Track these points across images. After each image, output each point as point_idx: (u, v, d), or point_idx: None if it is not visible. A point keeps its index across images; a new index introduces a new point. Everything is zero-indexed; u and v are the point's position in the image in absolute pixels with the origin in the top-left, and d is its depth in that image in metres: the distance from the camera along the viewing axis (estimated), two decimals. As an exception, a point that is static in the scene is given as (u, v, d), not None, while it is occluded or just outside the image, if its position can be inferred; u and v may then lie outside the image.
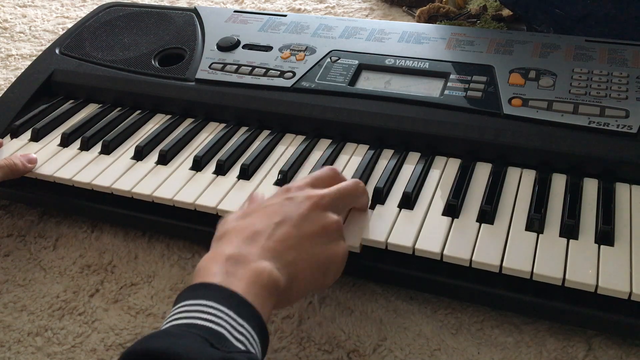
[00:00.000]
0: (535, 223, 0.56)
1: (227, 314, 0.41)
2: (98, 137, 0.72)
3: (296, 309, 0.58)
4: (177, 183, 0.65)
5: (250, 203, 0.54)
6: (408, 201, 0.60)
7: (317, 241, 0.50)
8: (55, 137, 0.74)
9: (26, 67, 0.84)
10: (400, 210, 0.59)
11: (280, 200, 0.52)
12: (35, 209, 0.73)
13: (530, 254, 0.53)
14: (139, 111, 0.77)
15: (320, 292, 0.57)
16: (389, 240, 0.56)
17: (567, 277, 0.51)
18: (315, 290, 0.53)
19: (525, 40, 0.75)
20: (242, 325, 0.41)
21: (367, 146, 0.68)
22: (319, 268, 0.50)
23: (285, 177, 0.64)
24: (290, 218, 0.50)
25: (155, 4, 1.11)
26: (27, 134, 0.74)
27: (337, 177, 0.57)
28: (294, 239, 0.49)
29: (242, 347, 0.40)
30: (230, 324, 0.41)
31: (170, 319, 0.42)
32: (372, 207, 0.60)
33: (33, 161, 0.69)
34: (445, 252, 0.54)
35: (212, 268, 0.45)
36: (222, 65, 0.77)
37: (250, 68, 0.76)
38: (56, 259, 0.66)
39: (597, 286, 0.50)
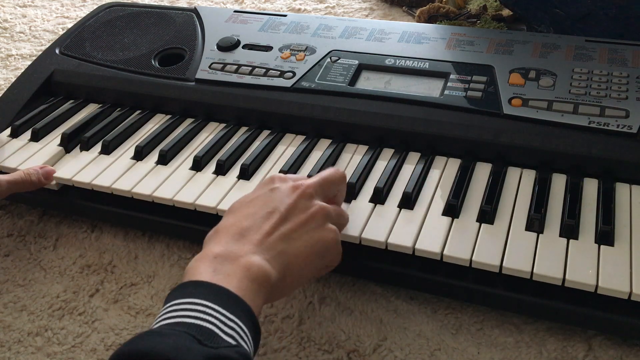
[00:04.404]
0: (535, 223, 0.56)
1: (215, 310, 0.41)
2: (98, 137, 0.72)
3: (296, 309, 0.58)
4: (177, 183, 0.65)
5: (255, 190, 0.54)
6: (408, 201, 0.60)
7: (306, 229, 0.50)
8: (55, 137, 0.74)
9: (26, 67, 0.84)
10: (400, 210, 0.59)
11: (266, 191, 0.53)
12: (35, 209, 0.73)
13: (530, 254, 0.53)
14: (139, 111, 0.77)
15: (320, 275, 0.57)
16: (389, 240, 0.56)
17: (567, 277, 0.51)
18: (315, 276, 0.54)
19: (525, 40, 0.75)
20: (232, 320, 0.41)
21: (367, 146, 0.68)
22: (313, 254, 0.50)
23: (285, 177, 0.64)
24: (277, 209, 0.50)
25: (155, 4, 1.11)
26: (27, 134, 0.74)
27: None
28: (282, 229, 0.49)
29: (233, 342, 0.40)
30: (219, 319, 0.41)
31: (160, 319, 0.42)
32: (373, 207, 0.60)
33: (50, 176, 0.67)
34: (445, 252, 0.54)
35: (199, 267, 0.46)
36: (222, 65, 0.77)
37: (250, 68, 0.76)
38: (56, 259, 0.66)
39: (597, 286, 0.50)
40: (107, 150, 0.71)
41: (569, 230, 0.55)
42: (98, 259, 0.66)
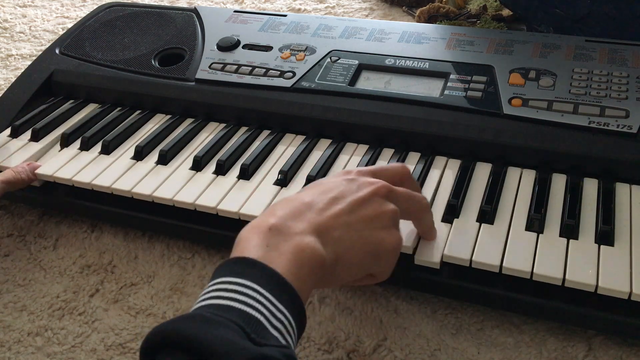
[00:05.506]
0: (535, 223, 0.56)
1: (266, 298, 0.39)
2: (98, 137, 0.72)
3: (296, 309, 0.58)
4: (177, 183, 0.65)
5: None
6: (408, 201, 0.60)
7: (369, 225, 0.47)
8: (55, 137, 0.74)
9: (26, 67, 0.84)
10: (400, 210, 0.59)
11: (340, 180, 0.50)
12: (35, 209, 0.73)
13: (530, 254, 0.53)
14: (139, 111, 0.77)
15: (372, 282, 0.52)
16: (389, 240, 0.56)
17: (567, 277, 0.51)
18: (363, 274, 0.49)
19: (525, 40, 0.75)
20: (281, 312, 0.39)
21: (367, 146, 0.68)
22: (368, 251, 0.47)
23: (285, 177, 0.64)
24: (346, 197, 0.48)
25: (155, 4, 1.11)
26: (27, 134, 0.74)
27: (405, 176, 0.54)
28: (345, 217, 0.46)
29: (279, 335, 0.38)
30: (269, 310, 0.39)
31: (207, 295, 0.40)
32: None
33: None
34: (445, 252, 0.54)
35: (253, 239, 0.43)
36: (222, 65, 0.77)
37: (250, 68, 0.76)
38: (56, 259, 0.66)
39: (597, 286, 0.50)
40: (107, 150, 0.71)
41: (569, 230, 0.55)
42: (98, 259, 0.66)
